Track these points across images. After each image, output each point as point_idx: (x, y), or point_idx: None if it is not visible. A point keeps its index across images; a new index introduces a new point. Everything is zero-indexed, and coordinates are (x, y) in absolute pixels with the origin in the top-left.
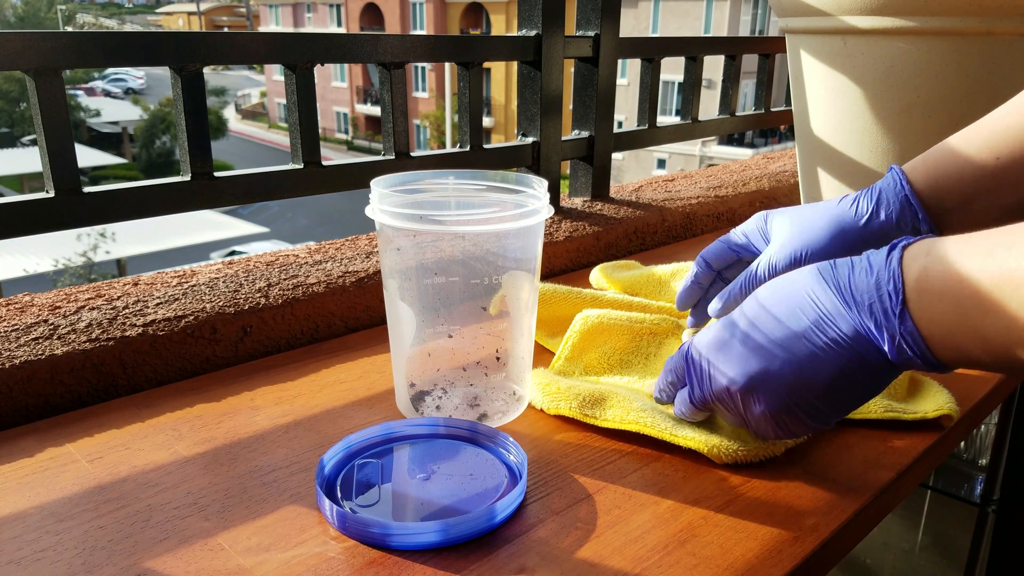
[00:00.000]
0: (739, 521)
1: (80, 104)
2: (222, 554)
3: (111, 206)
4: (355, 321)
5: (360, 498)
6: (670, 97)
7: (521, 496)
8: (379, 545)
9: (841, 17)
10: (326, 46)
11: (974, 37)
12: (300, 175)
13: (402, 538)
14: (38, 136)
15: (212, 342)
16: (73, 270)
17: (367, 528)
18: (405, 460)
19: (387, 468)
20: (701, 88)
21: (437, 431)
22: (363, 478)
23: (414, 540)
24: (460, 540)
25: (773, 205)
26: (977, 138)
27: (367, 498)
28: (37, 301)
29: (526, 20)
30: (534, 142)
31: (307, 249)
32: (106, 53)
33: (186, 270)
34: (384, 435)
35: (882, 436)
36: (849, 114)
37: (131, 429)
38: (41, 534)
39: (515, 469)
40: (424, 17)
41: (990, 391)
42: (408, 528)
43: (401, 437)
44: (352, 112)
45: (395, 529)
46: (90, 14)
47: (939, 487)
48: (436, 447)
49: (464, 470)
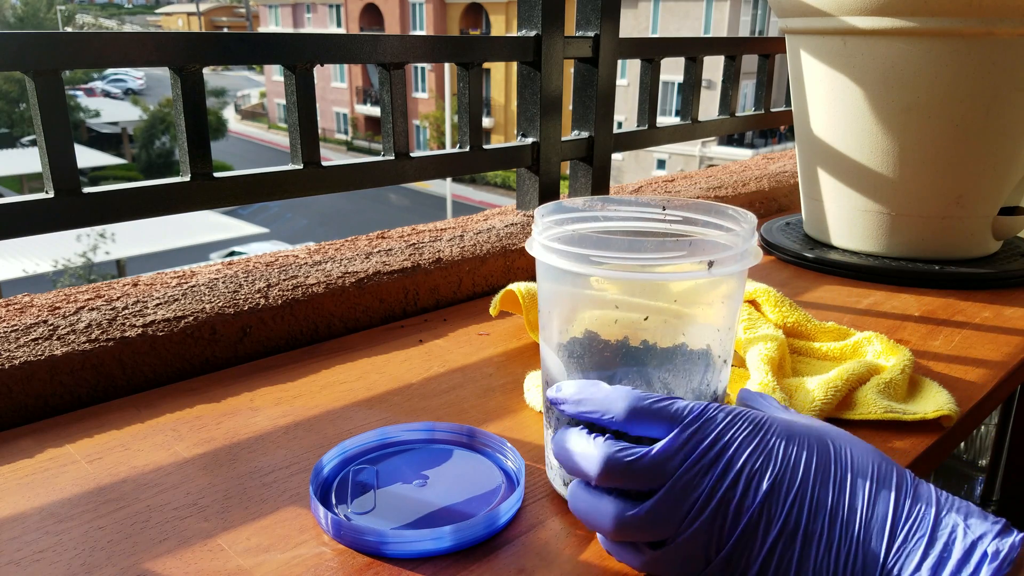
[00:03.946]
0: None
1: (80, 104)
2: (221, 555)
3: (111, 207)
4: (355, 322)
5: (356, 504)
6: (670, 97)
7: (518, 503)
8: (374, 553)
9: (841, 17)
10: (326, 46)
11: (974, 37)
12: (300, 175)
13: (397, 546)
14: (38, 137)
15: (212, 343)
16: (72, 271)
17: (362, 536)
18: (401, 466)
19: (383, 474)
20: (701, 88)
21: (434, 436)
22: (358, 484)
23: (409, 548)
24: (455, 549)
25: (773, 205)
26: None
27: (362, 504)
28: (36, 302)
29: (526, 20)
30: (534, 143)
31: (307, 250)
32: (105, 54)
33: (186, 271)
34: (379, 441)
35: (882, 437)
36: (849, 114)
37: (130, 430)
38: (40, 535)
39: (513, 475)
40: (424, 17)
41: (990, 392)
42: (403, 536)
43: (397, 443)
44: (352, 112)
45: (390, 537)
46: (90, 15)
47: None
48: (432, 453)
49: (461, 476)
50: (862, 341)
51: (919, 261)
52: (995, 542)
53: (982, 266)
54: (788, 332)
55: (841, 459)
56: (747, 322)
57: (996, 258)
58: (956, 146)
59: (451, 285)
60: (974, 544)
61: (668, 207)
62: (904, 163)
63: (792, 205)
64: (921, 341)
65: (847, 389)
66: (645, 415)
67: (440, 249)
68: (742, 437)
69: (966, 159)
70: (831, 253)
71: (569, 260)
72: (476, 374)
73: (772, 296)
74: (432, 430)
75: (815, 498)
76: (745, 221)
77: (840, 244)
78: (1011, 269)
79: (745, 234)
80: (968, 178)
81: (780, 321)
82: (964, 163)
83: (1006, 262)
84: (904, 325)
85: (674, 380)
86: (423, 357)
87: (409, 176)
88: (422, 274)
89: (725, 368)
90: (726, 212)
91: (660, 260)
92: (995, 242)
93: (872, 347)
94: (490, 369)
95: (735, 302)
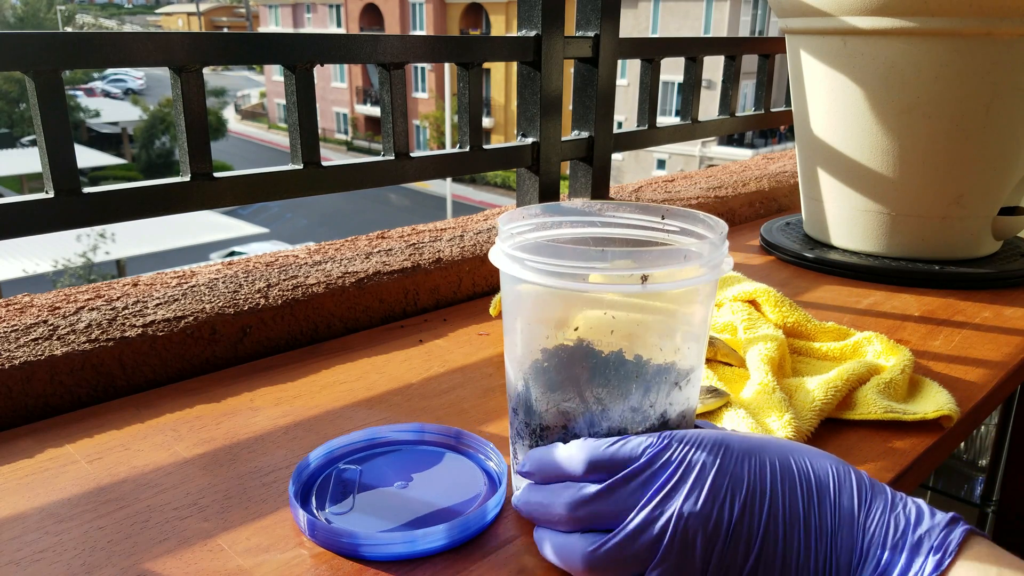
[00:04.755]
0: None
1: (79, 104)
2: (221, 555)
3: (110, 207)
4: (354, 322)
5: (336, 504)
6: (670, 97)
7: (499, 506)
8: (350, 555)
9: (841, 17)
10: (326, 46)
11: (974, 38)
12: (300, 175)
13: (370, 548)
14: (38, 137)
15: (211, 343)
16: (72, 271)
17: (338, 538)
18: (385, 467)
19: (366, 475)
20: (701, 88)
21: (423, 438)
22: (341, 485)
23: (382, 551)
24: (428, 553)
25: (773, 205)
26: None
27: (342, 505)
28: (36, 302)
29: (526, 20)
30: (534, 143)
31: (307, 250)
32: (105, 54)
33: (186, 271)
34: (367, 440)
35: (882, 436)
36: (849, 114)
37: (130, 430)
38: (40, 535)
39: (495, 477)
40: (424, 17)
41: (990, 392)
42: (375, 539)
43: (384, 443)
44: (352, 113)
45: (362, 539)
46: (90, 15)
47: (939, 488)
48: (418, 454)
49: (443, 479)
50: (862, 341)
51: (919, 261)
52: (941, 534)
53: (982, 266)
54: (788, 332)
55: (802, 468)
56: (747, 322)
57: (996, 258)
58: (956, 146)
59: (451, 285)
60: (922, 537)
61: (665, 215)
62: (904, 163)
63: (792, 205)
64: (921, 341)
65: (847, 389)
66: (604, 464)
67: (440, 249)
68: (704, 459)
69: (966, 159)
70: (831, 253)
71: (514, 264)
72: (476, 374)
73: (772, 296)
74: (422, 431)
75: (786, 509)
76: (715, 231)
77: (840, 244)
78: (1011, 269)
79: (712, 245)
80: (968, 178)
81: (780, 321)
82: (964, 163)
83: (1006, 262)
84: (904, 325)
85: (608, 396)
86: (423, 357)
87: (409, 176)
88: (422, 274)
89: (677, 390)
90: (698, 217)
91: (582, 269)
92: (995, 242)
93: (872, 347)
94: (490, 369)
95: (691, 314)
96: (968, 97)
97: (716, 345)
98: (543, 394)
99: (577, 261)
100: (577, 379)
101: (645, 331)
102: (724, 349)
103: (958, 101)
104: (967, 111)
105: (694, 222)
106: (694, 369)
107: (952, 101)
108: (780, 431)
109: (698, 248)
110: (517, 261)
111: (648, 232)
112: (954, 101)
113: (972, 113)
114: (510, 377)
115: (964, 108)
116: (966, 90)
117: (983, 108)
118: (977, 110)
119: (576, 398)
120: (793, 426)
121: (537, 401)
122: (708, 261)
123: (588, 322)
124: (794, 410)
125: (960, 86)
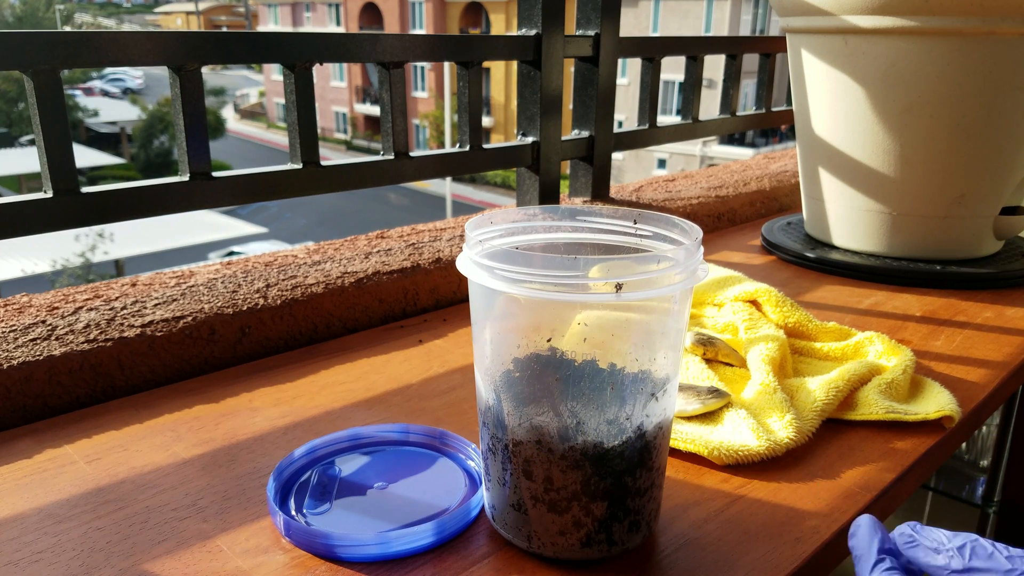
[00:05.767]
0: (740, 523)
1: (78, 104)
2: (220, 556)
3: (109, 206)
4: (354, 322)
5: (314, 504)
6: (670, 97)
7: (479, 507)
8: (326, 556)
9: (842, 16)
10: (325, 46)
11: (975, 37)
12: (299, 175)
13: (344, 549)
14: (36, 136)
15: (210, 343)
16: (71, 271)
17: (313, 539)
18: (365, 467)
19: (347, 475)
20: (702, 88)
21: (407, 438)
22: (320, 485)
23: (357, 552)
24: (402, 555)
25: (774, 205)
26: None
27: (321, 506)
28: (35, 302)
29: (526, 19)
30: (534, 142)
31: (306, 250)
32: (104, 53)
33: (184, 271)
34: (350, 440)
35: (884, 437)
36: (850, 114)
37: (129, 430)
38: (39, 536)
39: (477, 478)
40: (423, 16)
41: (992, 392)
42: (349, 539)
43: (368, 443)
44: (351, 112)
45: (336, 540)
46: (88, 14)
47: (940, 488)
48: (401, 455)
49: (424, 479)
50: (863, 341)
51: (920, 261)
52: None
53: (984, 266)
54: (789, 332)
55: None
56: (748, 322)
57: (998, 258)
58: (958, 145)
59: (451, 285)
60: None
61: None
62: (905, 162)
63: (793, 205)
64: (922, 341)
65: (848, 389)
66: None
67: (440, 249)
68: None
69: (968, 158)
70: (832, 253)
71: (485, 273)
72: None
73: (773, 296)
74: (406, 432)
75: None
76: (689, 236)
77: (841, 244)
78: (1013, 269)
79: (687, 251)
80: (970, 177)
81: (781, 321)
82: (966, 162)
83: (1008, 262)
84: (905, 325)
85: (582, 408)
86: (423, 357)
87: (409, 175)
88: (422, 274)
89: (654, 401)
90: (672, 222)
91: (553, 278)
92: (997, 242)
93: (873, 347)
94: None
95: (666, 322)
96: (970, 96)
97: (717, 345)
98: (515, 408)
99: (549, 270)
100: (550, 390)
101: (619, 340)
102: (725, 349)
103: (960, 100)
104: (969, 110)
105: (668, 227)
106: (670, 379)
107: (954, 100)
108: (781, 431)
109: (673, 254)
110: (486, 269)
111: (621, 237)
112: (956, 100)
113: (974, 112)
114: (480, 389)
115: (966, 107)
116: (968, 89)
117: (985, 107)
118: (979, 109)
119: (550, 411)
120: (794, 427)
121: (509, 415)
122: (684, 268)
123: (560, 331)
124: (795, 410)
125: (962, 85)
